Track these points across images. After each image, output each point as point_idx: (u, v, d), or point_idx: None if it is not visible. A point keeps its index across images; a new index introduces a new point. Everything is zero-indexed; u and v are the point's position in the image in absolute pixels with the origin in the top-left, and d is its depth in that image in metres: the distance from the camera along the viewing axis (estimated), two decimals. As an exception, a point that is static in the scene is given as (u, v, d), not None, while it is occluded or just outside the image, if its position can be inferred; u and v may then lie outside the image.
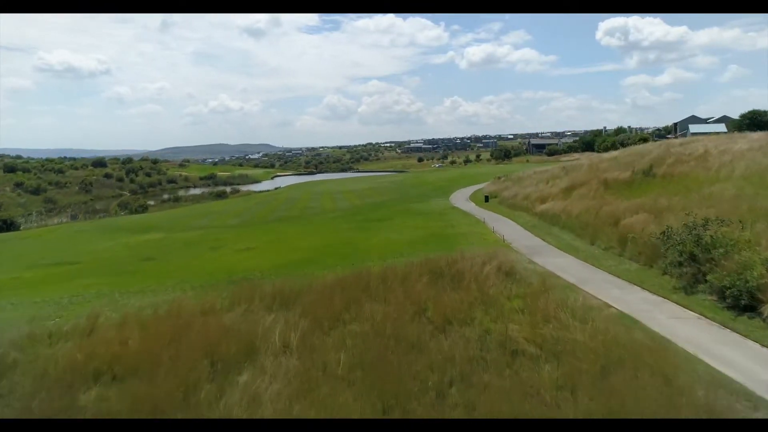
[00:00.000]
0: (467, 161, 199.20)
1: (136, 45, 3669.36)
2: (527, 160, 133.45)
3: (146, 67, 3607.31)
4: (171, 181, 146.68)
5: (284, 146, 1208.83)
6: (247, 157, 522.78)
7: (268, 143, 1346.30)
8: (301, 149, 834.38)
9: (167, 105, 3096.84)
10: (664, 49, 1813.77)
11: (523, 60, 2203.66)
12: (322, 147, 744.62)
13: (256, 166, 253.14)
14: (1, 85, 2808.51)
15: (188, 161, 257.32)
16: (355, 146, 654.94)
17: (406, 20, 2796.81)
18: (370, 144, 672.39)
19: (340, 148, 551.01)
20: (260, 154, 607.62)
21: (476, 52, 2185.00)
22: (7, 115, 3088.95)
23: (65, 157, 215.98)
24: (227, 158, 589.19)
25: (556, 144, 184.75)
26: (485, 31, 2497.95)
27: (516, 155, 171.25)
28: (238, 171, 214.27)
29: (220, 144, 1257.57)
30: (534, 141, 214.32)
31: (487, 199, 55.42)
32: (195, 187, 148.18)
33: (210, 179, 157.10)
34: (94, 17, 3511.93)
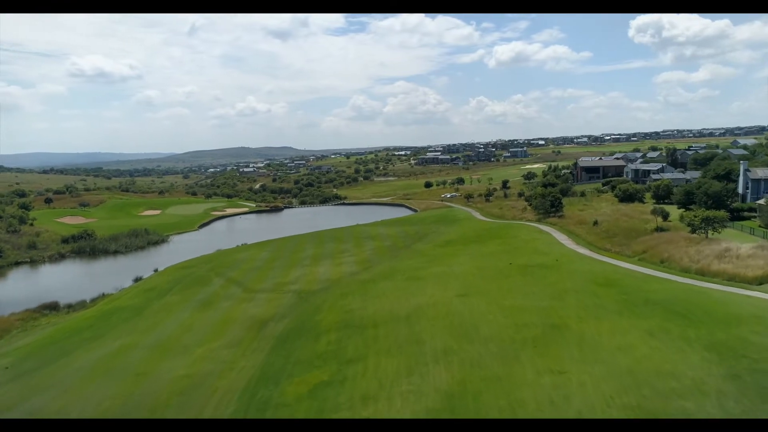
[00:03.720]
0: (489, 195, 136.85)
1: (164, 49, 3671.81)
2: (592, 222, 72.02)
3: (175, 71, 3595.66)
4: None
5: (306, 148, 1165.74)
6: (244, 167, 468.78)
7: (290, 146, 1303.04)
8: (315, 154, 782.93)
9: (195, 108, 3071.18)
10: (701, 44, 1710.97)
11: (553, 57, 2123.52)
12: (336, 153, 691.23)
13: (209, 197, 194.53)
14: (35, 91, 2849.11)
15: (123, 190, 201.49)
16: (370, 152, 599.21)
17: (434, 19, 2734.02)
18: (387, 150, 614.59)
19: (349, 157, 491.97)
20: (264, 163, 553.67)
21: (505, 51, 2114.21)
22: (40, 119, 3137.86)
23: None
24: (223, 167, 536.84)
25: (628, 178, 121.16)
26: (513, 29, 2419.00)
27: (565, 192, 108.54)
28: (173, 208, 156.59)
29: (242, 147, 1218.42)
30: (584, 162, 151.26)
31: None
32: (32, 261, 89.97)
33: (77, 240, 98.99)
34: (123, 22, 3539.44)
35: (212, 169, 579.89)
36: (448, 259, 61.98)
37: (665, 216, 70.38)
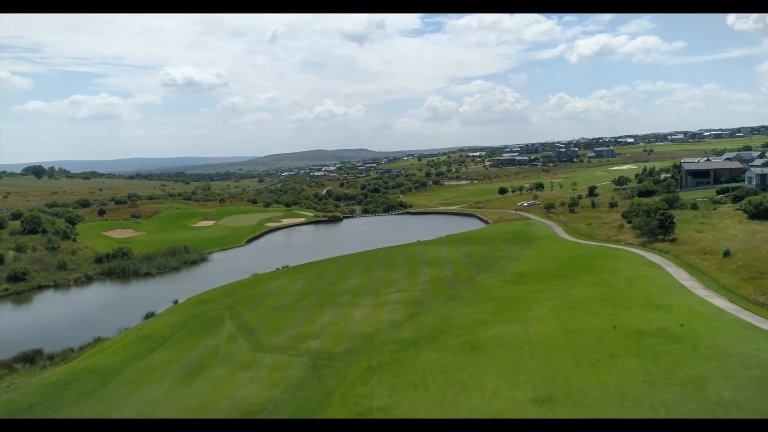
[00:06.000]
0: (574, 204, 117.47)
1: (249, 57, 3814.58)
2: (722, 252, 53.76)
3: (258, 78, 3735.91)
4: (14, 277, 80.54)
5: (381, 150, 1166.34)
6: (315, 171, 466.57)
7: (365, 147, 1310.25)
8: (389, 156, 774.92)
9: (276, 112, 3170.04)
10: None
11: (642, 49, 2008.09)
12: (409, 155, 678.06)
13: (267, 205, 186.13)
14: (134, 101, 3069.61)
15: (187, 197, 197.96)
16: (443, 153, 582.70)
17: (512, 15, 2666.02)
18: (461, 150, 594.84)
19: (420, 159, 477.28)
20: (335, 166, 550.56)
21: (588, 44, 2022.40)
22: (138, 127, 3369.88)
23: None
24: (298, 170, 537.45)
25: (751, 185, 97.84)
26: (596, 22, 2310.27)
27: (671, 203, 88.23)
28: (227, 219, 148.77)
29: (319, 150, 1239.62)
30: (689, 164, 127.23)
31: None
32: (56, 285, 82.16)
33: (112, 260, 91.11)
34: (212, 33, 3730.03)
35: (286, 173, 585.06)
36: (522, 307, 45.71)
37: (833, 246, 50.34)
